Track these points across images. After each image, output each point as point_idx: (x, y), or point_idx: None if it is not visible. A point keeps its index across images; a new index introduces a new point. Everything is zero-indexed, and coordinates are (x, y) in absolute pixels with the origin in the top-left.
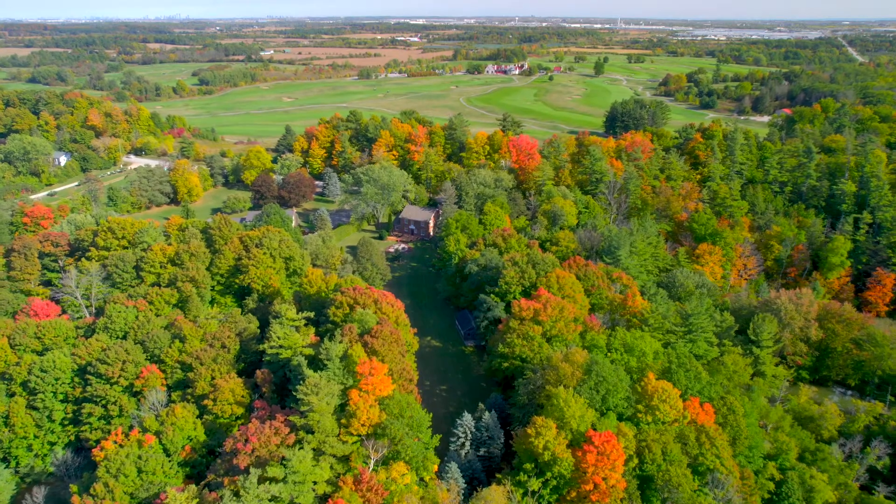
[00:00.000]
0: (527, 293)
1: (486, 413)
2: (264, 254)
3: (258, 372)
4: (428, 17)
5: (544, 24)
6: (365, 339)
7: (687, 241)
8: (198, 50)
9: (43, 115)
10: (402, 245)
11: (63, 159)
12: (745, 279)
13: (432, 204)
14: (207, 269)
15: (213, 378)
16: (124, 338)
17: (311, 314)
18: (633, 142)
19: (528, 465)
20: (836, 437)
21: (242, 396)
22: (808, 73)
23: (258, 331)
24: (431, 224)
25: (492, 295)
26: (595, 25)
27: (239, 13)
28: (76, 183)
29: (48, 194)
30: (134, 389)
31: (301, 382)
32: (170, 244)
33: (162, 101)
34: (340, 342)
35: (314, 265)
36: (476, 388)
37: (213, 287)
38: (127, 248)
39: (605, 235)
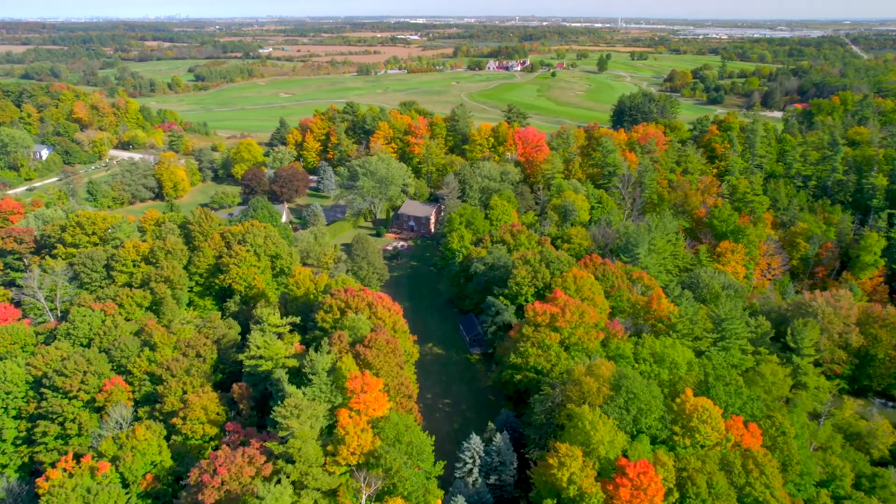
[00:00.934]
0: (540, 295)
1: (497, 434)
2: (247, 251)
3: (235, 386)
4: (428, 16)
5: (545, 24)
6: (357, 348)
7: (707, 239)
8: (195, 47)
9: (25, 107)
10: (401, 243)
11: (45, 153)
12: (769, 279)
13: (433, 199)
14: (185, 268)
15: (184, 392)
16: (88, 345)
17: (298, 319)
18: (645, 134)
19: (549, 502)
20: (887, 457)
21: (217, 414)
22: (816, 68)
23: (239, 337)
24: (432, 220)
25: (500, 297)
26: (596, 25)
27: (239, 13)
28: (57, 178)
29: (27, 189)
30: (96, 404)
31: (281, 401)
32: (145, 241)
33: (156, 96)
34: (328, 353)
35: (305, 264)
36: (483, 403)
37: (191, 288)
38: (98, 245)
39: (620, 232)
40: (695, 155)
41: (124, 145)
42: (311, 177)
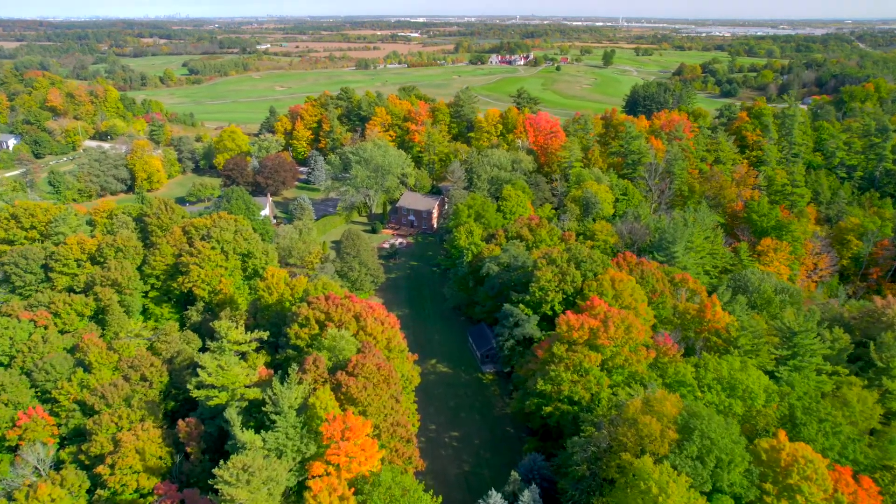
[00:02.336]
0: (569, 303)
1: (525, 490)
2: (213, 248)
3: (181, 423)
4: (428, 15)
5: (546, 23)
6: (338, 377)
7: (744, 235)
8: (192, 43)
9: None
10: (400, 240)
11: (12, 143)
12: (815, 281)
13: (436, 192)
14: (139, 268)
15: (119, 429)
16: (8, 365)
17: (266, 334)
18: (669, 120)
19: None
20: None
21: (160, 458)
22: (832, 61)
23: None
24: (435, 214)
25: (520, 305)
26: (597, 23)
27: (240, 12)
28: (24, 169)
29: None
30: (6, 443)
31: (233, 451)
32: (94, 236)
33: (147, 90)
34: (299, 383)
35: (286, 264)
36: (500, 436)
37: (146, 293)
38: (37, 241)
39: (651, 227)
40: (727, 143)
41: (102, 136)
42: (300, 168)
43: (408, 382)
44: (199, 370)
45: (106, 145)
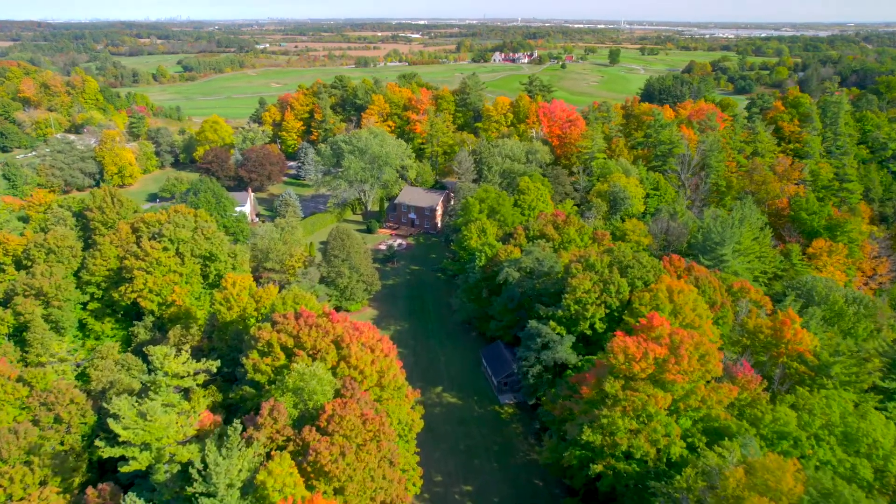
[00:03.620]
0: (614, 318)
1: None
2: (165, 250)
3: (89, 493)
4: (429, 18)
5: (547, 25)
6: (306, 435)
7: (791, 236)
8: (189, 42)
9: None
10: (399, 240)
11: None
12: (873, 288)
13: (439, 187)
14: (76, 274)
15: (6, 498)
16: None
17: (216, 364)
18: (698, 110)
19: None
20: None
21: None
22: (848, 57)
23: (140, 385)
24: (439, 211)
25: (551, 322)
26: (599, 26)
27: (240, 15)
28: None
29: None
30: None
31: None
32: (25, 234)
33: (139, 87)
34: (248, 445)
35: (263, 269)
36: (527, 491)
37: (84, 304)
38: None
39: (692, 226)
40: (765, 133)
41: (78, 128)
42: (290, 163)
43: (407, 430)
44: (110, 420)
45: (73, 136)
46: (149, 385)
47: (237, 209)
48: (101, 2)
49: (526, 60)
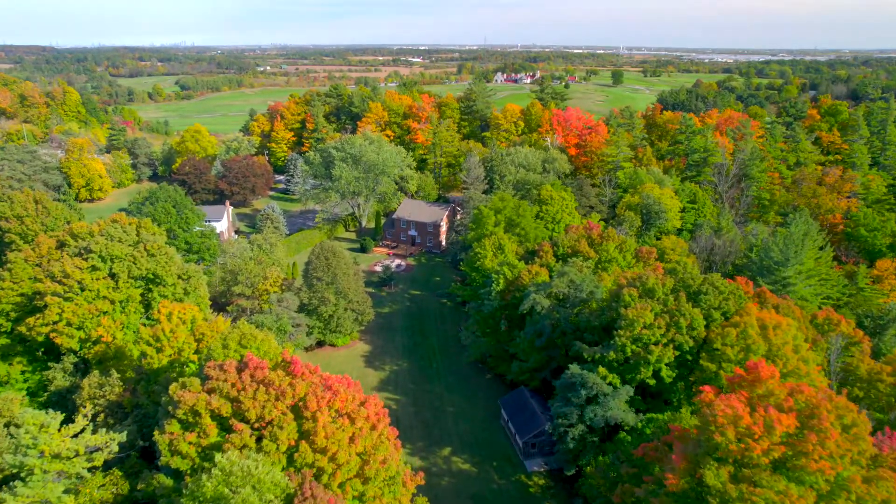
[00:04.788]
0: (685, 363)
1: None
2: (92, 270)
3: None
4: (430, 44)
5: (547, 50)
6: None
7: (850, 256)
8: (189, 65)
9: None
10: (397, 261)
11: None
12: None
13: (443, 202)
14: None
15: None
16: None
17: (121, 437)
18: (728, 118)
19: None
20: None
21: None
22: (858, 76)
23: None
24: (444, 227)
25: (600, 368)
26: (598, 51)
27: (244, 41)
28: None
29: None
30: None
31: None
32: None
33: (134, 105)
34: None
35: (230, 294)
36: None
37: None
38: None
39: (742, 244)
40: (807, 142)
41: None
42: (278, 177)
43: None
44: None
45: (36, 147)
46: (16, 471)
47: (212, 224)
48: (107, 29)
49: (528, 80)
